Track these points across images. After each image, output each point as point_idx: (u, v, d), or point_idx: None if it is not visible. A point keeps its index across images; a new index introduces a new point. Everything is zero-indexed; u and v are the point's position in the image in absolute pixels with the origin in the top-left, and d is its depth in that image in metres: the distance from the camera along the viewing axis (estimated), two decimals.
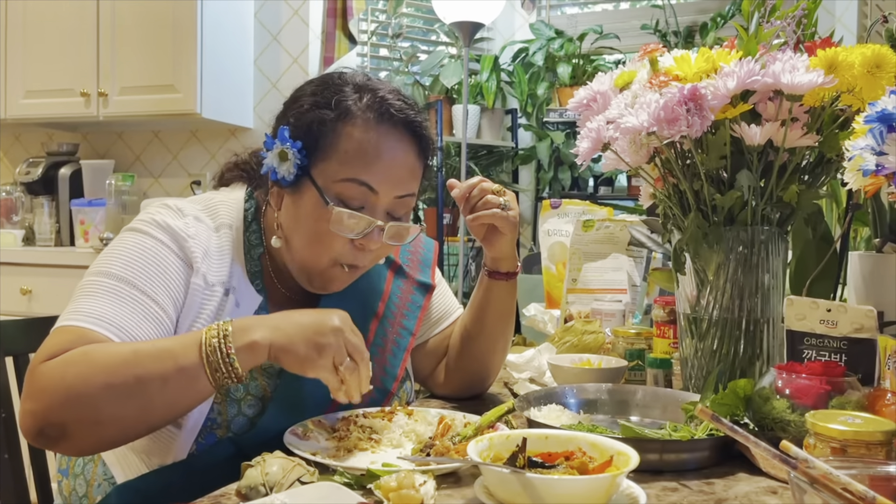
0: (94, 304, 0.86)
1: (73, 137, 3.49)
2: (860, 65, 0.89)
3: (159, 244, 0.93)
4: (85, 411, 0.78)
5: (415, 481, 0.69)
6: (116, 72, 3.04)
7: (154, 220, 0.95)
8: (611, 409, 1.03)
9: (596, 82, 1.07)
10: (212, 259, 0.96)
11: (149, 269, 0.91)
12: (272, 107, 1.05)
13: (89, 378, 0.78)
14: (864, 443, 0.65)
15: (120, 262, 0.90)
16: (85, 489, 0.98)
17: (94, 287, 0.88)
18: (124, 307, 0.87)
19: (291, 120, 0.97)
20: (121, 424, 0.81)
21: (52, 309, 2.75)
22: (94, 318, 0.85)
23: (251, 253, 1.02)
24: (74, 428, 0.78)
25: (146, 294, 0.89)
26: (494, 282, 1.11)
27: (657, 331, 1.29)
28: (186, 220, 0.96)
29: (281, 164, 0.95)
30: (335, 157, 0.94)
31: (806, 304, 0.91)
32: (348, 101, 0.96)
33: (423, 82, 3.39)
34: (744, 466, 0.83)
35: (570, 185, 3.22)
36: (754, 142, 0.93)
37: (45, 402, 0.78)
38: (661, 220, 1.09)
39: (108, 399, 0.78)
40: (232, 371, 0.81)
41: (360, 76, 1.01)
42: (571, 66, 3.20)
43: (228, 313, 0.95)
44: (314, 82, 1.01)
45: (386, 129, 0.96)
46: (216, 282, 0.95)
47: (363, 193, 0.95)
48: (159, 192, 3.43)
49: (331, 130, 0.95)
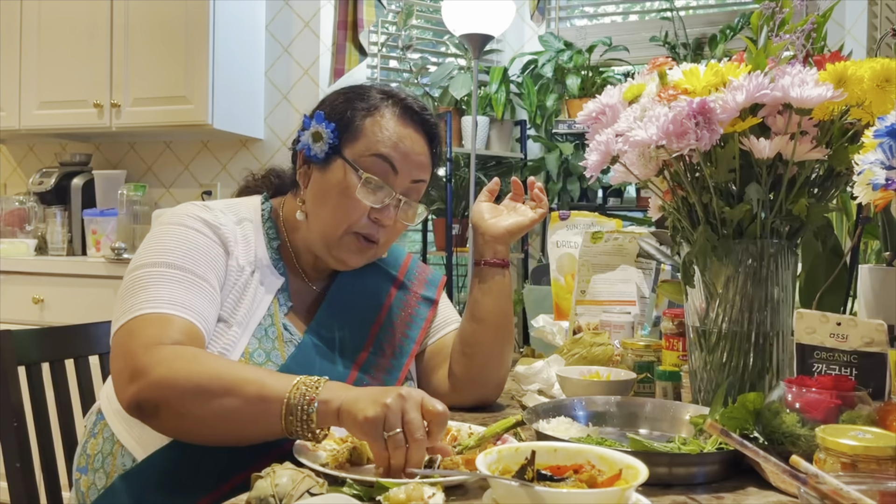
0: (164, 292, 0.96)
1: (86, 148, 3.53)
2: (869, 79, 0.89)
3: (198, 233, 1.04)
4: (175, 401, 0.87)
5: (423, 494, 0.69)
6: (129, 83, 3.07)
7: (188, 213, 1.06)
8: (620, 422, 1.03)
9: (605, 95, 1.08)
10: (239, 244, 1.07)
11: (196, 255, 1.01)
12: (283, 118, 1.18)
13: (190, 377, 0.86)
14: (875, 458, 0.65)
15: (171, 252, 1.00)
16: (105, 482, 1.00)
17: (156, 277, 0.97)
18: (189, 291, 0.97)
19: (327, 109, 1.12)
20: (200, 426, 0.88)
21: (63, 318, 2.80)
22: (171, 303, 0.95)
23: (270, 244, 1.12)
24: (164, 411, 0.88)
25: (199, 276, 0.99)
26: (489, 269, 1.17)
27: (666, 343, 1.29)
28: (214, 212, 1.08)
29: (315, 143, 1.09)
30: (364, 138, 1.08)
31: (816, 318, 0.91)
32: (377, 99, 1.11)
33: (433, 94, 3.41)
34: (754, 481, 0.82)
35: (578, 196, 3.22)
36: (763, 155, 0.94)
37: (146, 381, 0.87)
38: (671, 233, 1.09)
39: (194, 398, 0.86)
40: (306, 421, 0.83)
41: (385, 86, 1.17)
42: (580, 77, 3.21)
43: (253, 289, 1.05)
44: (345, 87, 1.16)
45: (407, 122, 1.11)
46: (245, 263, 1.07)
47: (385, 171, 1.08)
48: (170, 202, 3.46)
49: (361, 118, 1.09)
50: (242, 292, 1.04)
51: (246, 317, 1.03)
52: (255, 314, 1.04)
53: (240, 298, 1.04)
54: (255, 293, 1.05)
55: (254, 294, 1.05)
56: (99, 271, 2.84)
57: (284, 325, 1.06)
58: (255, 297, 1.05)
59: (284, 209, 1.16)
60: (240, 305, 1.03)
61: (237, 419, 0.86)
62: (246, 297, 1.04)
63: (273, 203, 1.18)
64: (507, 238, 1.16)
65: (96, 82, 3.10)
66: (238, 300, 1.03)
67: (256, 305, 1.04)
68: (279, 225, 1.15)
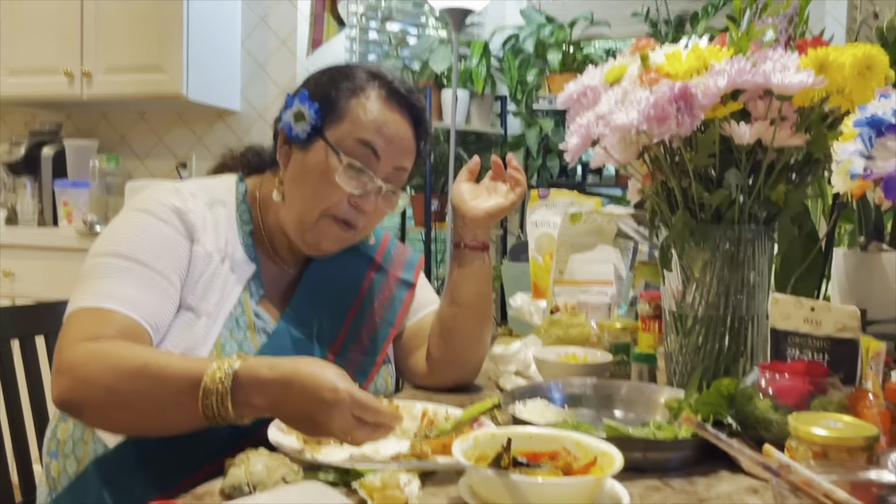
0: (112, 285, 0.94)
1: (56, 117, 3.44)
2: (851, 66, 0.89)
3: (161, 223, 1.00)
4: (95, 401, 0.87)
5: (399, 480, 0.69)
6: (101, 51, 2.99)
7: (155, 199, 1.02)
8: (595, 404, 1.04)
9: (586, 76, 1.06)
10: (208, 231, 1.04)
11: (156, 247, 0.98)
12: (260, 90, 1.15)
13: (101, 376, 0.86)
14: (846, 448, 0.66)
15: (128, 242, 0.98)
16: (76, 468, 0.99)
17: (109, 268, 0.95)
18: (139, 286, 0.95)
19: (311, 87, 1.08)
20: (124, 421, 0.89)
21: (34, 291, 2.75)
22: (115, 298, 0.92)
23: (243, 228, 1.09)
24: (88, 410, 0.88)
25: (156, 271, 0.96)
26: (469, 252, 1.16)
27: (642, 325, 1.29)
28: (183, 196, 1.04)
29: (297, 123, 1.05)
30: (348, 121, 1.05)
31: (790, 303, 0.92)
32: (363, 79, 1.08)
33: (413, 67, 3.36)
34: (726, 465, 0.83)
35: (558, 173, 3.22)
36: (744, 141, 0.93)
37: (66, 382, 0.87)
38: (649, 216, 1.09)
39: (110, 399, 0.86)
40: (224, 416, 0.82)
41: (373, 65, 1.12)
42: (562, 53, 3.19)
43: (223, 279, 1.02)
44: (331, 66, 1.12)
45: (393, 106, 1.07)
46: (213, 250, 1.03)
47: (367, 157, 1.05)
48: (144, 174, 3.40)
49: (346, 99, 1.06)
50: (211, 281, 1.01)
51: (216, 307, 1.00)
52: (225, 304, 1.01)
53: (208, 288, 1.01)
54: (226, 282, 1.02)
55: (223, 283, 1.02)
56: (71, 244, 2.79)
57: (256, 313, 1.04)
58: (226, 286, 1.02)
59: (261, 189, 1.13)
60: (209, 295, 1.00)
61: (157, 417, 0.86)
62: (215, 287, 1.01)
63: (249, 183, 1.14)
64: (488, 221, 1.15)
65: (66, 50, 3.01)
66: (206, 290, 1.00)
67: (227, 295, 1.02)
68: (254, 207, 1.11)
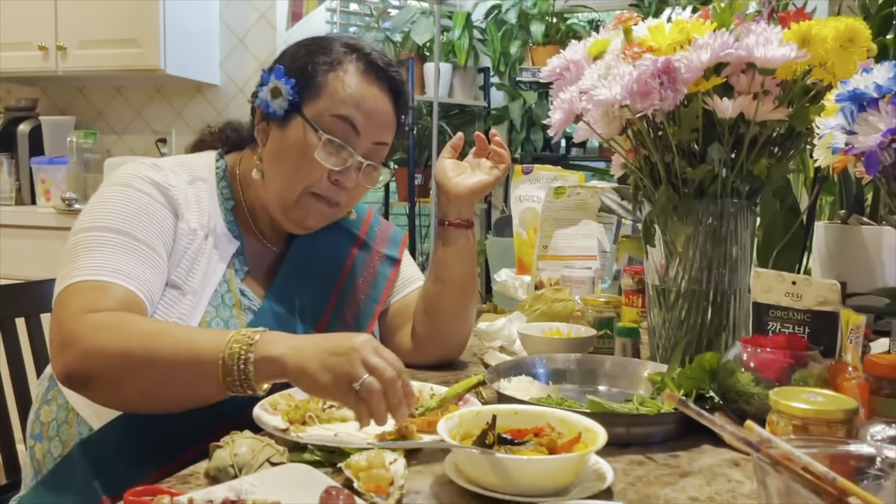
0: (104, 258, 0.92)
1: (31, 92, 3.37)
2: (833, 39, 0.89)
3: (145, 196, 0.99)
4: (106, 371, 0.84)
5: (385, 460, 0.69)
6: (75, 24, 2.93)
7: (135, 174, 1.01)
8: (579, 379, 1.04)
9: (569, 51, 1.06)
10: (191, 207, 1.03)
11: (141, 219, 0.97)
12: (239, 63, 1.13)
13: (114, 344, 0.83)
14: (826, 421, 0.67)
15: (113, 216, 0.96)
16: (61, 450, 0.99)
17: (97, 242, 0.94)
18: (129, 258, 0.93)
19: (287, 62, 1.06)
20: (136, 395, 0.86)
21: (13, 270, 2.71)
22: (109, 270, 0.91)
23: (225, 205, 1.08)
24: (96, 383, 0.85)
25: (143, 242, 0.95)
26: (454, 230, 1.15)
27: (626, 299, 1.30)
28: (164, 172, 1.02)
29: (273, 100, 1.03)
30: (325, 96, 1.03)
31: (772, 277, 0.92)
32: (340, 52, 1.06)
33: (394, 39, 3.32)
34: (709, 439, 0.84)
35: (542, 146, 3.21)
36: (726, 115, 0.93)
37: (72, 354, 0.84)
38: (632, 191, 1.09)
39: (124, 367, 0.83)
40: (245, 380, 0.80)
41: (350, 38, 1.10)
42: (545, 24, 3.15)
43: (207, 255, 1.02)
44: (307, 39, 1.10)
45: (371, 80, 1.05)
46: (197, 226, 1.02)
47: (347, 133, 1.03)
48: (123, 149, 3.35)
49: (323, 73, 1.04)
50: (195, 258, 1.00)
51: (201, 284, 0.99)
52: (209, 281, 1.00)
53: (193, 265, 1.00)
54: (210, 259, 1.01)
55: (208, 260, 1.01)
56: (49, 222, 2.75)
57: (241, 291, 1.03)
58: (210, 263, 1.01)
59: (241, 166, 1.11)
60: (193, 272, 0.99)
61: (173, 385, 0.84)
62: (200, 264, 1.00)
63: (229, 160, 1.12)
64: (471, 197, 1.14)
65: (40, 23, 2.95)
66: (191, 267, 0.99)
67: (211, 272, 1.01)
68: (234, 183, 1.10)
